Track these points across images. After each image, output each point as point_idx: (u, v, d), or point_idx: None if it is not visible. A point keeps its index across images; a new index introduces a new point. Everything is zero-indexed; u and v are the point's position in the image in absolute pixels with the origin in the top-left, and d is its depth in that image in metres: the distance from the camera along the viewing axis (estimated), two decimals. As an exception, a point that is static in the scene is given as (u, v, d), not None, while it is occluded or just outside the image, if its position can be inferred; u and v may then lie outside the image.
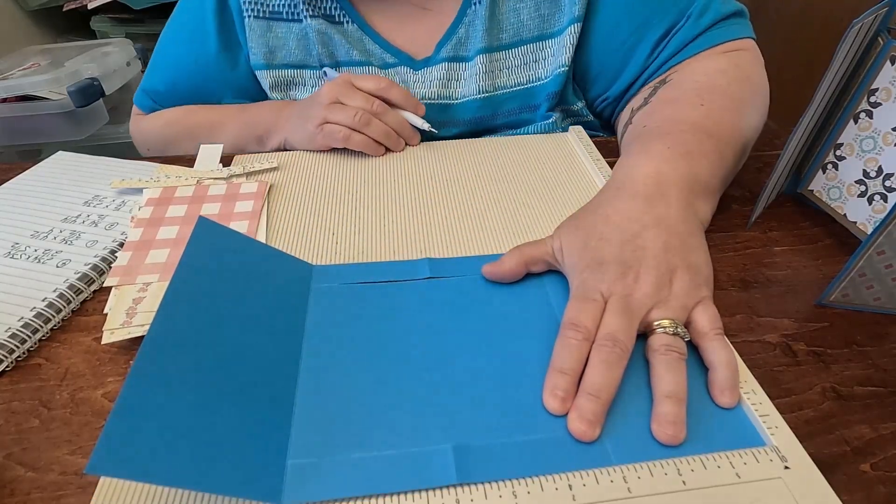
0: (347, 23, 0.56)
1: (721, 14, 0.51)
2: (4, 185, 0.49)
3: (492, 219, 0.44)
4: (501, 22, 0.53)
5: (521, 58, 0.55)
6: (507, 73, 0.55)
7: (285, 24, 0.56)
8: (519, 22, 0.53)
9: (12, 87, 0.93)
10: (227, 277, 0.32)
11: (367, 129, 0.51)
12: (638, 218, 0.35)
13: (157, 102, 0.65)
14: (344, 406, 0.29)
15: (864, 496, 0.27)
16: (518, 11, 0.53)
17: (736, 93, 0.46)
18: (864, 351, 0.34)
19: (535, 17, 0.53)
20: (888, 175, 0.39)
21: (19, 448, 0.29)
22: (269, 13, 0.56)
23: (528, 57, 0.55)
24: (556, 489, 0.26)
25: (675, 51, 0.52)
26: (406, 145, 0.54)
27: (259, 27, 0.56)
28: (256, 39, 0.57)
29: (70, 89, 0.93)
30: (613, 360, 0.29)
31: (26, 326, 0.35)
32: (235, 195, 0.46)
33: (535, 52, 0.55)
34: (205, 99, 0.63)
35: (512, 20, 0.53)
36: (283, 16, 0.56)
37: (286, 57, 0.58)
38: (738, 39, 0.51)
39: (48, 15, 1.44)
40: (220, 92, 0.62)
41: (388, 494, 0.26)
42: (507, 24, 0.53)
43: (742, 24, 0.52)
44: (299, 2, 0.55)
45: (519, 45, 0.54)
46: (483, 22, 0.53)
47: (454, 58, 0.55)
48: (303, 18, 0.55)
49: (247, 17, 0.56)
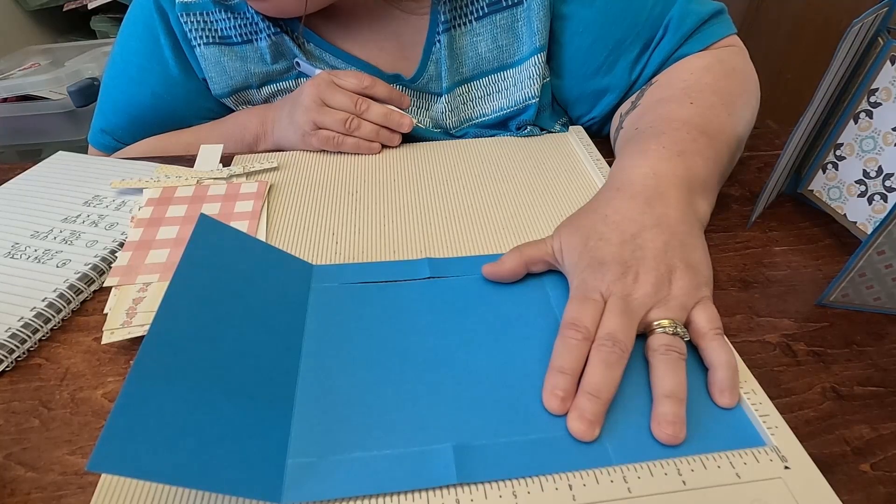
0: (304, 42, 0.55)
1: (701, 17, 0.50)
2: (4, 185, 0.49)
3: (492, 219, 0.44)
4: (461, 56, 0.54)
5: (483, 89, 0.55)
6: (471, 104, 0.56)
7: (238, 46, 0.54)
8: (477, 55, 0.53)
9: (12, 87, 0.93)
10: (228, 275, 0.32)
11: (358, 132, 0.51)
12: (637, 218, 0.35)
13: (118, 140, 0.61)
14: (344, 405, 0.29)
15: (864, 496, 0.27)
16: (475, 45, 0.53)
17: (724, 88, 0.46)
18: (863, 351, 0.34)
19: (492, 48, 0.53)
20: (888, 175, 0.39)
21: (19, 448, 0.29)
22: (219, 38, 0.54)
23: (491, 87, 0.55)
24: (556, 489, 0.26)
25: (662, 61, 0.51)
26: (401, 142, 0.54)
27: (212, 54, 0.54)
28: (212, 67, 0.55)
29: (70, 89, 0.93)
30: (613, 360, 0.29)
31: (26, 326, 0.35)
32: (235, 195, 0.46)
33: (497, 82, 0.55)
34: (173, 127, 0.60)
35: (470, 54, 0.53)
36: (232, 39, 0.54)
37: (248, 78, 0.56)
38: (721, 38, 0.51)
39: (48, 15, 1.44)
40: (188, 117, 0.60)
41: (388, 494, 0.26)
42: (467, 58, 0.54)
43: (723, 22, 0.52)
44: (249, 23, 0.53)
45: (480, 77, 0.55)
46: (444, 60, 0.53)
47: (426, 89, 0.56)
48: (253, 39, 0.54)
49: (196, 45, 0.54)
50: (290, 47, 0.54)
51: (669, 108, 0.45)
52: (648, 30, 0.51)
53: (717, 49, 0.50)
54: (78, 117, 0.97)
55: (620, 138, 0.48)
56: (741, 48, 0.51)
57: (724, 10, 0.52)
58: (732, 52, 0.50)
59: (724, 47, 0.51)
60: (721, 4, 0.52)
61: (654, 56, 0.51)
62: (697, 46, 0.50)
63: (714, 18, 0.51)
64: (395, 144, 0.53)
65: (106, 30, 1.41)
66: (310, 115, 0.50)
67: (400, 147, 0.54)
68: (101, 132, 0.61)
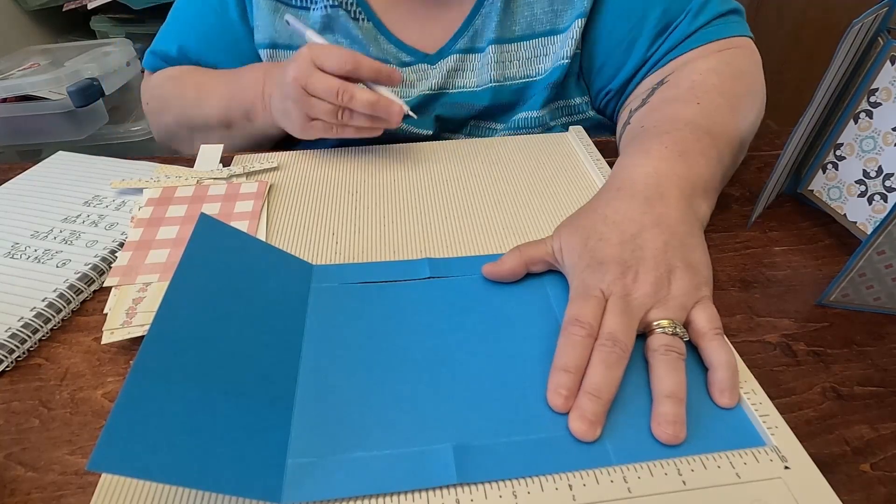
0: (363, 20, 0.56)
1: (717, 12, 0.52)
2: (4, 185, 0.49)
3: (492, 219, 0.44)
4: (515, 14, 0.54)
5: (531, 51, 0.56)
6: (516, 64, 0.56)
7: (293, 10, 0.56)
8: (532, 15, 0.54)
9: (12, 87, 0.93)
10: (228, 275, 0.32)
11: (351, 121, 0.47)
12: (637, 218, 0.35)
13: (167, 64, 0.64)
14: (344, 405, 0.29)
15: (864, 496, 0.27)
16: (531, 6, 0.54)
17: (730, 90, 0.47)
18: (863, 351, 0.34)
19: (548, 11, 0.54)
20: (888, 175, 0.39)
21: (19, 448, 0.29)
22: None
23: (539, 50, 0.55)
24: (556, 489, 0.26)
25: (672, 46, 0.52)
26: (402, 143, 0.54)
27: (267, 6, 0.56)
28: (263, 18, 0.57)
29: (70, 89, 0.92)
30: (614, 361, 0.29)
31: (26, 326, 0.35)
32: (235, 195, 0.46)
33: (545, 45, 0.55)
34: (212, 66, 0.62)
35: (525, 13, 0.54)
36: (292, 2, 0.56)
37: (291, 39, 0.57)
38: (733, 37, 0.51)
39: (48, 15, 1.44)
40: (226, 61, 0.61)
41: (387, 494, 0.26)
42: (521, 16, 0.54)
43: (738, 23, 0.53)
44: None
45: (530, 38, 0.55)
46: (498, 14, 0.53)
47: (468, 49, 0.56)
48: (312, 7, 0.55)
49: None
50: (344, 24, 0.55)
51: (675, 108, 0.45)
52: (673, 12, 0.52)
53: (727, 51, 0.51)
54: (78, 117, 0.97)
55: (627, 133, 0.48)
56: (752, 51, 0.52)
57: (742, 13, 0.53)
58: (742, 55, 0.51)
59: (735, 48, 0.51)
60: (741, 7, 0.53)
61: (669, 39, 0.52)
62: (706, 39, 0.51)
63: (730, 16, 0.52)
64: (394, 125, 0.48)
65: (106, 30, 1.41)
66: (300, 107, 0.48)
67: (400, 147, 0.54)
68: (153, 54, 0.65)
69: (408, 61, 0.57)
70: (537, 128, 0.58)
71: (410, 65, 0.57)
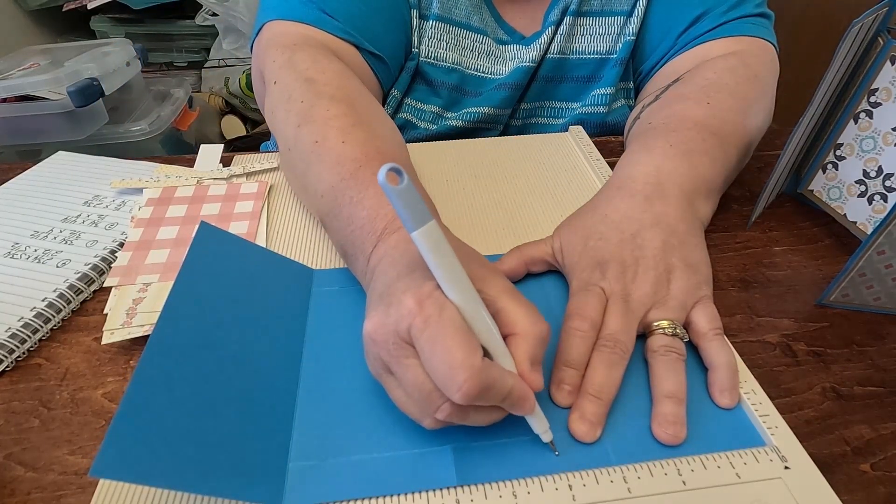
0: None
1: (749, 12, 0.52)
2: (4, 185, 0.49)
3: (492, 219, 0.44)
4: None
5: (606, 28, 0.56)
6: (588, 38, 0.56)
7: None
8: None
9: (12, 87, 0.92)
10: (229, 282, 0.32)
11: None
12: (637, 217, 0.35)
13: (331, 19, 0.49)
14: (345, 409, 0.29)
15: (864, 496, 0.27)
16: None
17: (742, 92, 0.46)
18: (863, 351, 0.34)
19: None
20: (888, 175, 0.39)
21: (19, 448, 0.29)
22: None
23: (614, 29, 0.56)
24: (556, 489, 0.26)
25: (699, 33, 0.52)
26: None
27: None
28: None
29: (70, 89, 0.92)
30: (614, 361, 0.29)
31: (26, 326, 0.35)
32: (235, 195, 0.46)
33: (623, 26, 0.56)
34: (364, 33, 0.51)
35: None
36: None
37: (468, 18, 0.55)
38: (757, 38, 0.51)
39: (48, 15, 1.44)
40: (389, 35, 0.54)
41: (388, 496, 0.26)
42: None
43: (765, 27, 0.53)
44: None
45: (609, 15, 0.56)
46: None
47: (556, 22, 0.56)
48: None
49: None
50: None
51: (685, 106, 0.45)
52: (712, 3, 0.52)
53: (747, 51, 0.50)
54: (78, 117, 0.97)
55: (636, 127, 0.48)
56: (772, 58, 0.51)
57: (771, 17, 0.54)
58: (760, 59, 0.50)
59: (755, 51, 0.51)
60: (771, 13, 0.54)
61: (698, 27, 0.52)
62: (728, 32, 0.51)
63: (758, 18, 0.52)
64: None
65: (106, 30, 1.41)
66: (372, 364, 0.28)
67: (400, 147, 0.54)
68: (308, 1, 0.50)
69: (504, 39, 0.57)
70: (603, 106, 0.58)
71: (505, 43, 0.57)
